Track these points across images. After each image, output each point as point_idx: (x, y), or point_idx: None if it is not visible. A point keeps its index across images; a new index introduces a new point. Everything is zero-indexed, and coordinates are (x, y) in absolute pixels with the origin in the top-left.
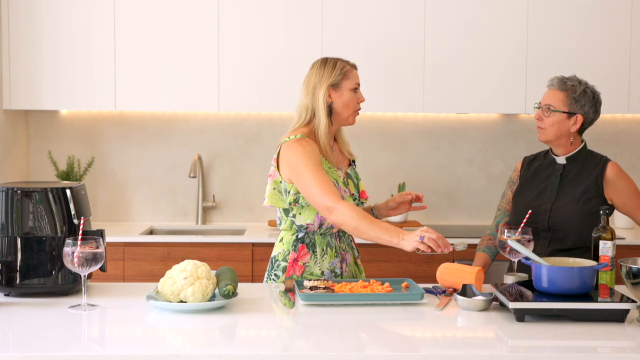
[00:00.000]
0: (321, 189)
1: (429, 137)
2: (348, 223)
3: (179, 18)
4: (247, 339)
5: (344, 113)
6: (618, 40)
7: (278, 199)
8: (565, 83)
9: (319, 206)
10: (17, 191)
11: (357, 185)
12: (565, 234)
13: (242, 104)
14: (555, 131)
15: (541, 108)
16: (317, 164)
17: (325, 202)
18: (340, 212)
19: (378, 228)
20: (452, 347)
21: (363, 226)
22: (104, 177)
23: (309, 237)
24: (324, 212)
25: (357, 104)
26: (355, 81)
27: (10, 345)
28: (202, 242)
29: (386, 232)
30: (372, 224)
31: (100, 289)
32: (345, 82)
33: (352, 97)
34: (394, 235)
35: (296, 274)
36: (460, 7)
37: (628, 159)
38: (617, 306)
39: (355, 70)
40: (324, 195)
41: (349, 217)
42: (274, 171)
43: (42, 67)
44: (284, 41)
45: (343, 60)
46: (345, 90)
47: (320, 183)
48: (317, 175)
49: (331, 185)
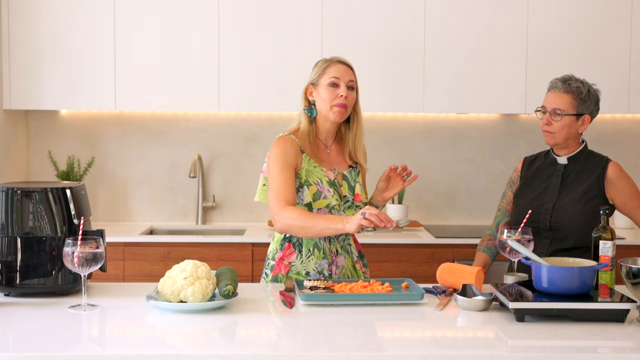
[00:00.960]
0: (274, 194)
1: (429, 137)
2: (294, 225)
3: (179, 18)
4: (247, 339)
5: (322, 109)
6: (618, 40)
7: (267, 195)
8: (569, 85)
9: (271, 213)
10: (17, 191)
11: (353, 188)
12: (567, 234)
13: (242, 104)
14: (566, 134)
15: (548, 112)
16: (283, 165)
17: (273, 210)
18: (284, 217)
19: (322, 221)
20: (452, 347)
21: (308, 223)
22: (104, 177)
23: (296, 237)
24: (273, 221)
25: (335, 98)
26: (333, 75)
27: (10, 345)
28: (202, 242)
29: (331, 221)
30: (316, 219)
31: (100, 289)
32: (323, 78)
33: (328, 92)
34: (338, 221)
35: (281, 272)
36: (460, 7)
37: (628, 159)
38: (617, 306)
39: (339, 64)
40: (274, 201)
41: (292, 219)
42: (266, 168)
43: (42, 67)
44: (284, 41)
45: (331, 58)
46: (322, 87)
47: (275, 187)
48: (278, 179)
49: (286, 191)
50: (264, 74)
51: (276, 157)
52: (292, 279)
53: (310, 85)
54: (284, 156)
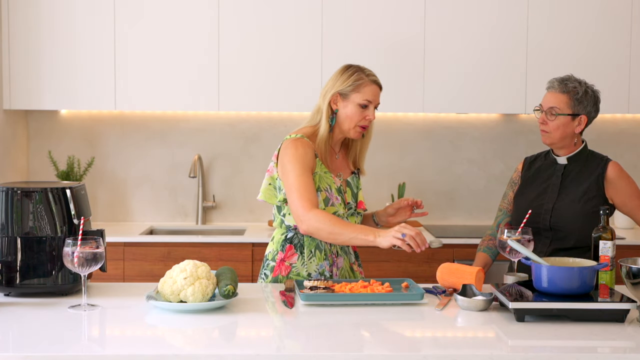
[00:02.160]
0: (298, 196)
1: (429, 137)
2: (322, 229)
3: (179, 18)
4: (247, 339)
5: (344, 125)
6: (618, 40)
7: (272, 194)
8: (566, 85)
9: (294, 213)
10: (17, 191)
11: (356, 195)
12: (567, 234)
13: (242, 104)
14: (561, 134)
15: (544, 111)
16: (304, 168)
17: (298, 210)
18: (312, 219)
19: (352, 229)
20: (452, 347)
21: (337, 230)
22: (104, 177)
23: (297, 238)
24: (297, 221)
25: (361, 120)
26: (367, 97)
27: (10, 345)
28: (202, 242)
29: (361, 231)
30: (346, 227)
31: (100, 289)
32: (355, 95)
33: (357, 112)
34: (369, 233)
35: (282, 274)
36: (461, 6)
37: (628, 159)
38: (617, 306)
39: (374, 86)
40: (299, 202)
41: (321, 224)
42: (272, 167)
43: (42, 67)
44: (284, 41)
45: (366, 72)
46: (351, 103)
47: (299, 189)
48: (300, 181)
49: (310, 192)
50: (264, 74)
51: (296, 158)
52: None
53: (337, 94)
54: (303, 158)
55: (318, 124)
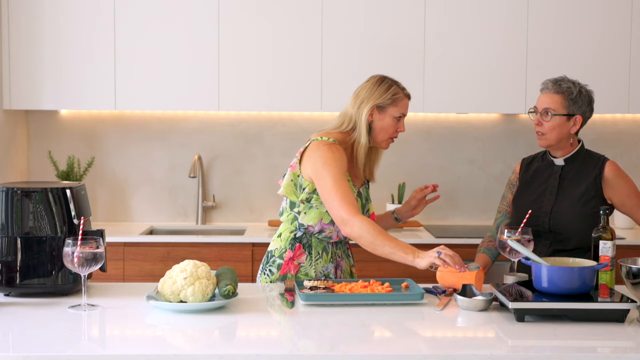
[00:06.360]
0: (341, 199)
1: (429, 137)
2: (364, 237)
3: (179, 18)
4: (247, 339)
5: (379, 136)
6: (618, 41)
7: (292, 191)
8: (560, 85)
9: (335, 216)
10: (17, 191)
11: (367, 205)
12: (567, 236)
13: (242, 104)
14: (557, 135)
15: (539, 113)
16: (342, 172)
17: (342, 213)
18: (357, 226)
19: (394, 244)
20: (452, 347)
21: (378, 241)
22: (104, 177)
23: (306, 238)
24: (340, 223)
25: (395, 132)
26: (402, 111)
27: (10, 345)
28: (202, 242)
29: (401, 248)
30: (388, 240)
31: (100, 289)
32: (392, 109)
33: (392, 124)
34: (409, 252)
35: (291, 272)
36: (460, 7)
37: (628, 159)
38: (617, 306)
39: (407, 100)
40: (342, 206)
41: (365, 232)
42: (295, 163)
43: (42, 67)
44: (284, 41)
45: (400, 86)
46: (388, 116)
47: (341, 193)
48: (340, 185)
49: (352, 197)
50: (264, 74)
51: (334, 162)
52: (301, 279)
53: (375, 107)
54: (340, 163)
55: (349, 132)
